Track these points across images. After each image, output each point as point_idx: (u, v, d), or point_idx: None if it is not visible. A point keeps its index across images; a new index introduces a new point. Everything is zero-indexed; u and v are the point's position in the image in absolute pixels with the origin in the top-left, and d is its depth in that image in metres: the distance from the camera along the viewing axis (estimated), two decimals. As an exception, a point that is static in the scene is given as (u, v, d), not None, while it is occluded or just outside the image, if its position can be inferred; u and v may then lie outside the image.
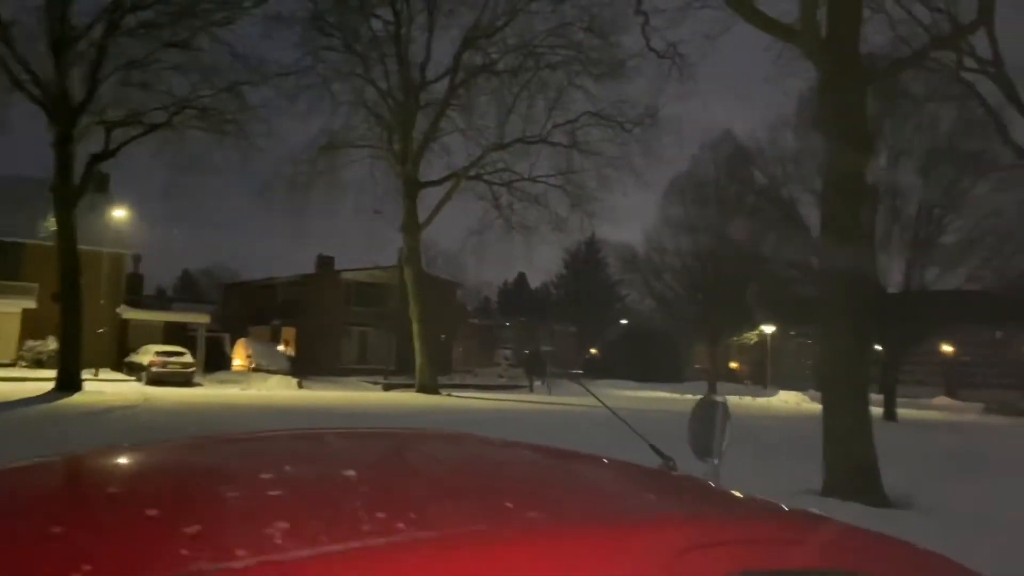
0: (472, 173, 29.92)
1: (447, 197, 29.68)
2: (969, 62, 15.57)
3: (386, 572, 0.90)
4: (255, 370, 30.75)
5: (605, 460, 1.80)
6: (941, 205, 24.98)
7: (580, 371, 46.07)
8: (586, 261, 59.22)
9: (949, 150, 22.94)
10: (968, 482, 10.76)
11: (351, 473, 1.36)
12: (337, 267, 39.88)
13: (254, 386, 26.50)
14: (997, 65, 15.19)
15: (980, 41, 14.97)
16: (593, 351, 56.00)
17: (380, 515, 1.05)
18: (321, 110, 52.50)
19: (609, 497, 1.52)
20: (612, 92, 30.63)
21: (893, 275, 26.59)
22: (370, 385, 30.65)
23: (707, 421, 1.92)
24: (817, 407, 10.69)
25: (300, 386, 27.54)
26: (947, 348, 39.60)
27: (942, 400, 37.58)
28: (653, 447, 1.87)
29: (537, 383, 35.97)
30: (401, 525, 1.01)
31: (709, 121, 58.12)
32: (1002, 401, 36.00)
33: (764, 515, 1.53)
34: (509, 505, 1.21)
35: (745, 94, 64.50)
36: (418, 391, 27.52)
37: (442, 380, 29.95)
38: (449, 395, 27.05)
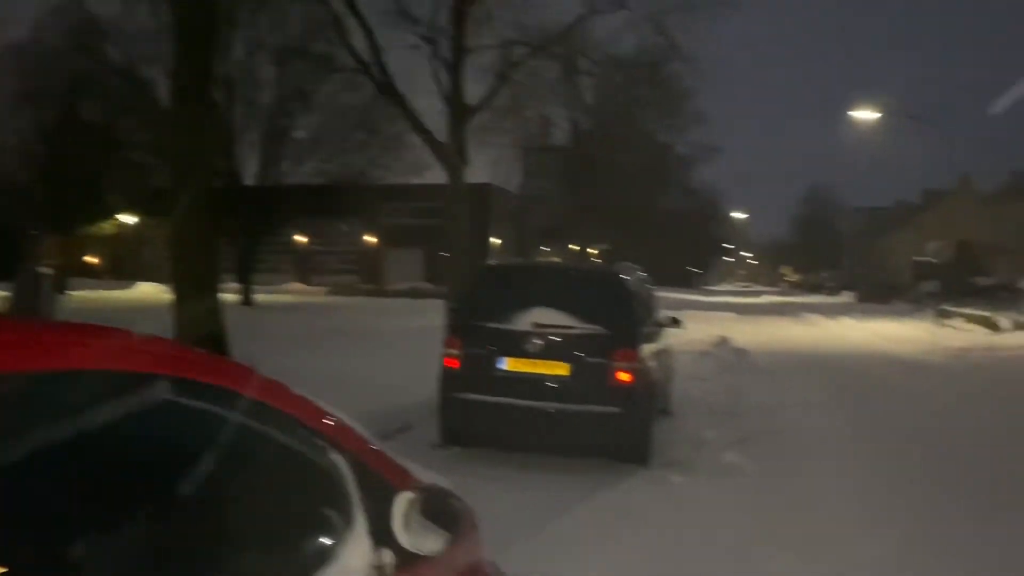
0: None
1: None
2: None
3: None
4: None
5: None
6: (293, 101, 26.62)
7: None
8: None
9: (300, 49, 24.32)
10: (302, 350, 12.15)
11: None
12: None
13: None
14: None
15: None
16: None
17: None
18: None
19: None
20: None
21: (250, 167, 27.63)
22: None
23: (28, 290, 1.71)
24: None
25: None
26: (300, 238, 43.08)
27: (295, 285, 41.05)
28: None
29: None
30: None
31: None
32: (344, 284, 41.04)
33: None
34: None
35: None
36: None
37: None
38: None
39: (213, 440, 1.58)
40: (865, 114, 29.05)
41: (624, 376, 6.66)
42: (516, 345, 6.79)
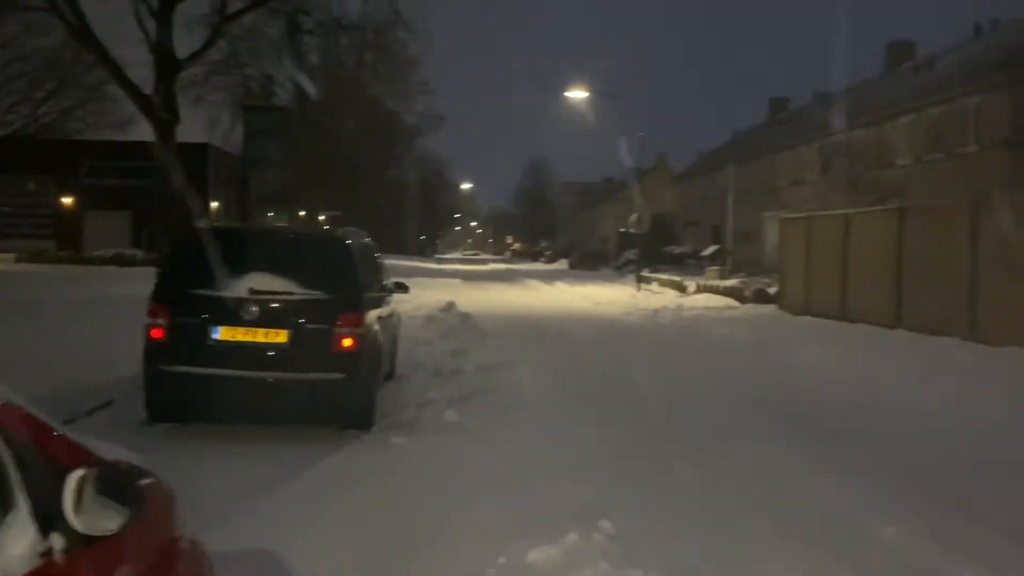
0: None
1: None
2: None
3: None
4: None
5: None
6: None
7: None
8: None
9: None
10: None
11: None
12: None
13: None
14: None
15: None
16: None
17: None
18: None
19: None
20: None
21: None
22: None
23: None
24: None
25: None
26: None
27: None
28: None
29: None
30: None
31: None
32: (36, 250, 36.41)
33: None
34: None
35: None
36: None
37: None
38: None
39: None
40: (578, 93, 31.07)
41: (347, 342, 6.60)
42: (231, 313, 6.46)
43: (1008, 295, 11.43)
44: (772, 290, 20.45)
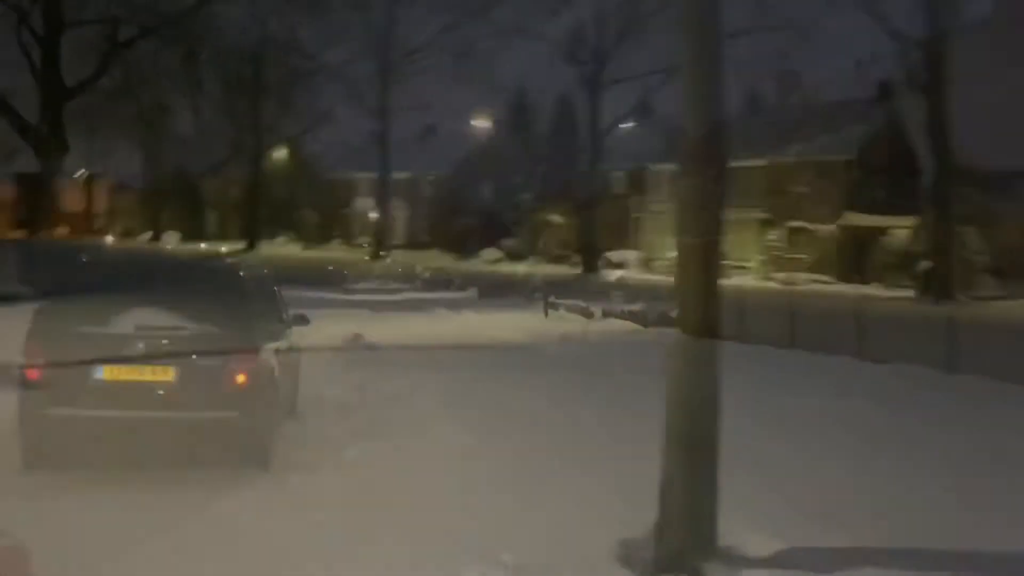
0: None
1: None
2: None
3: None
4: None
5: None
6: None
7: None
8: None
9: None
10: None
11: None
12: None
13: None
14: None
15: None
16: None
17: None
18: None
19: None
20: None
21: None
22: None
23: None
24: None
25: None
26: None
27: None
28: None
29: None
30: None
31: None
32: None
33: None
34: None
35: None
36: None
37: None
38: None
39: None
40: (482, 123, 31.32)
41: (241, 378, 6.39)
42: (116, 350, 6.18)
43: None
44: (674, 313, 20.88)
